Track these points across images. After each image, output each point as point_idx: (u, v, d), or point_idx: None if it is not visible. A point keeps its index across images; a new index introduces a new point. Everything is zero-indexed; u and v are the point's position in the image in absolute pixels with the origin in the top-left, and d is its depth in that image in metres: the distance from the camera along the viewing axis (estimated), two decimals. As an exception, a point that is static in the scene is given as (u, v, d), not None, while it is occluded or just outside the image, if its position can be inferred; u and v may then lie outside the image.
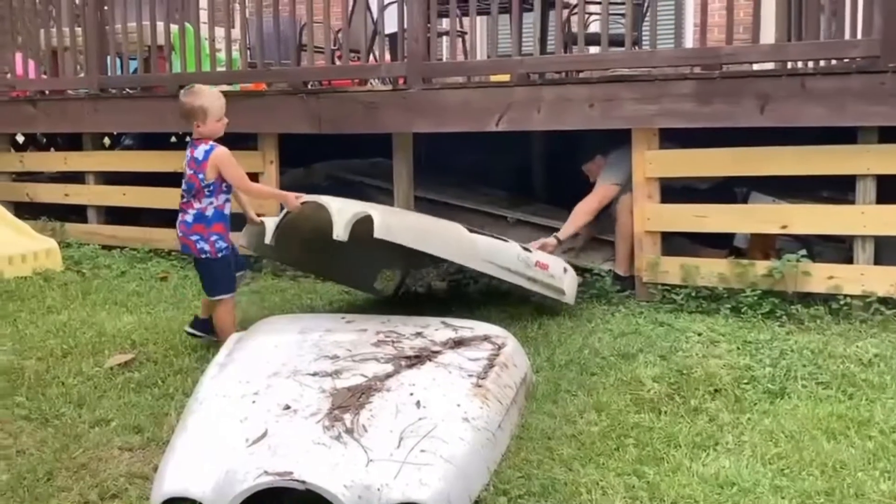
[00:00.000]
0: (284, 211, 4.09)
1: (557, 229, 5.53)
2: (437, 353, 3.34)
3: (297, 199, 4.04)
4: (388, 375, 3.09)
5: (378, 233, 3.65)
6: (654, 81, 4.79)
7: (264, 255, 4.15)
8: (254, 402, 2.88)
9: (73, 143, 7.51)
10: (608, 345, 4.14)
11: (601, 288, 5.00)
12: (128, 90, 6.76)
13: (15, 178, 7.37)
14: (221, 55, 6.41)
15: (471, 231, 4.39)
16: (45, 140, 8.55)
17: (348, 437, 2.64)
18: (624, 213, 5.12)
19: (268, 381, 3.03)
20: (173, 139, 8.67)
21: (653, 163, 4.88)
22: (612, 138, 5.15)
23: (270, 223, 4.12)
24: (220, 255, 4.00)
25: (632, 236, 5.04)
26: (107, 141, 8.25)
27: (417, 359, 3.26)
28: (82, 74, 6.90)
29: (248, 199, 4.22)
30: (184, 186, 4.04)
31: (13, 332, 4.49)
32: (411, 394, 2.93)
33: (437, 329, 3.65)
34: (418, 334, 3.58)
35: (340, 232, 3.70)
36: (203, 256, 4.00)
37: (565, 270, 4.66)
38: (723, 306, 4.62)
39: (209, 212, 3.97)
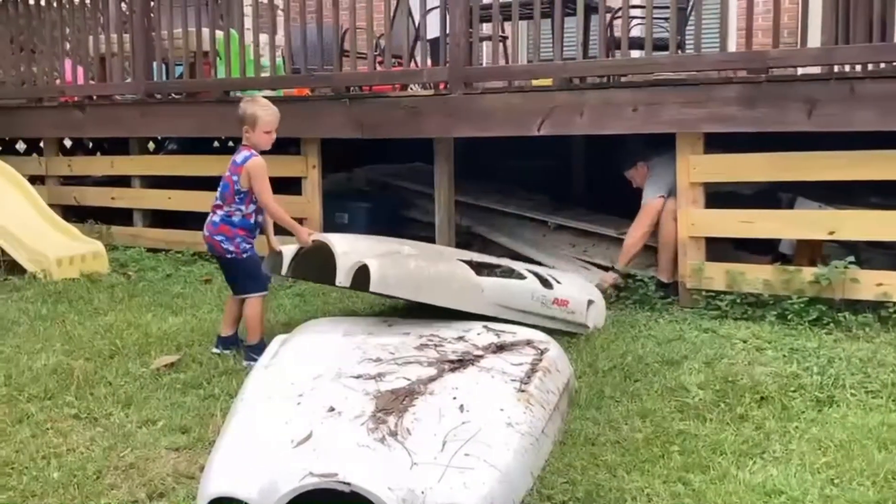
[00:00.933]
0: (298, 246, 4.14)
1: (596, 234, 5.51)
2: (480, 357, 3.34)
3: (308, 235, 4.12)
4: (431, 379, 3.09)
5: (374, 287, 3.63)
6: (698, 85, 4.76)
7: (284, 276, 4.17)
8: (298, 403, 2.90)
9: (119, 147, 7.66)
10: (652, 351, 4.11)
11: (644, 294, 4.97)
12: (173, 95, 6.87)
13: (63, 182, 7.53)
14: (265, 61, 6.49)
15: (482, 267, 4.30)
16: (91, 144, 8.73)
17: (392, 439, 2.65)
18: (667, 219, 5.08)
19: (312, 383, 3.06)
20: (216, 144, 8.82)
21: (697, 167, 4.84)
22: (651, 142, 5.12)
23: (288, 253, 4.13)
24: (245, 255, 4.07)
25: (675, 243, 5.00)
26: (151, 145, 8.41)
27: (460, 363, 3.27)
28: (129, 80, 7.04)
29: (270, 224, 4.22)
30: (219, 188, 4.13)
31: (62, 332, 4.58)
32: (454, 398, 2.93)
33: (479, 333, 3.66)
34: (460, 338, 3.58)
35: (342, 279, 3.75)
36: (229, 256, 4.06)
37: (589, 303, 4.44)
38: (768, 313, 4.57)
39: (236, 217, 4.05)
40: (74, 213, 7.21)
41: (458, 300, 3.86)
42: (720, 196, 4.98)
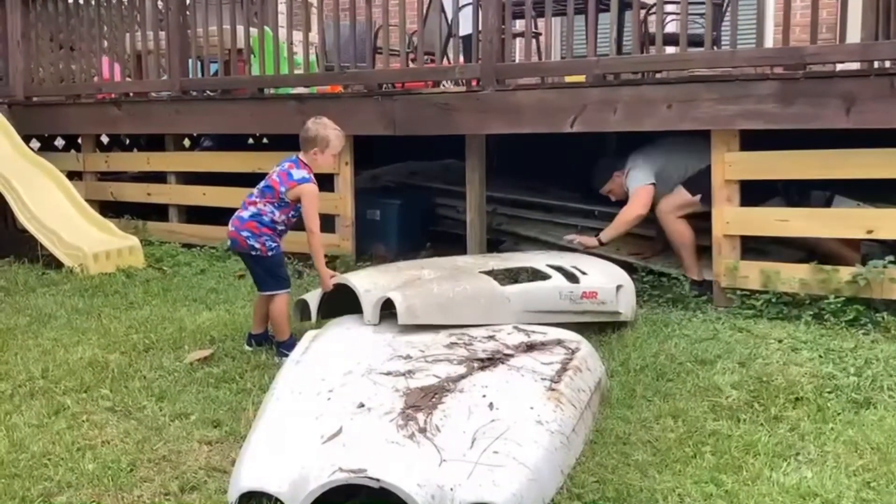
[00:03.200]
0: (321, 291, 4.14)
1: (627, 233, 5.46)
2: (510, 356, 3.34)
3: (330, 278, 4.11)
4: (461, 377, 3.10)
5: (402, 319, 3.64)
6: (734, 82, 4.70)
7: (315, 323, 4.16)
8: (329, 399, 2.92)
9: (155, 143, 7.75)
10: (685, 350, 4.08)
11: (678, 293, 4.92)
12: (208, 92, 6.94)
13: (100, 178, 7.63)
14: (299, 58, 6.53)
15: (505, 275, 4.29)
16: (128, 141, 8.84)
17: (421, 436, 2.66)
18: (670, 221, 5.06)
19: (342, 379, 3.08)
20: (250, 141, 8.89)
21: (733, 165, 4.78)
22: (623, 152, 5.19)
23: (313, 300, 4.13)
24: (270, 253, 4.09)
25: (689, 239, 5.01)
26: (187, 142, 8.49)
27: (490, 361, 3.27)
28: (165, 77, 7.12)
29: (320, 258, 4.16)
30: (260, 185, 4.15)
31: (97, 326, 4.65)
32: (484, 395, 2.93)
33: (509, 333, 3.66)
34: (490, 337, 3.59)
35: (370, 317, 3.76)
36: (254, 253, 4.09)
37: (618, 288, 4.39)
38: (804, 313, 4.51)
39: (266, 217, 4.08)
40: (111, 209, 7.30)
41: (486, 315, 3.87)
42: (751, 194, 4.90)
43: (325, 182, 6.24)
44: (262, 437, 2.78)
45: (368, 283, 3.93)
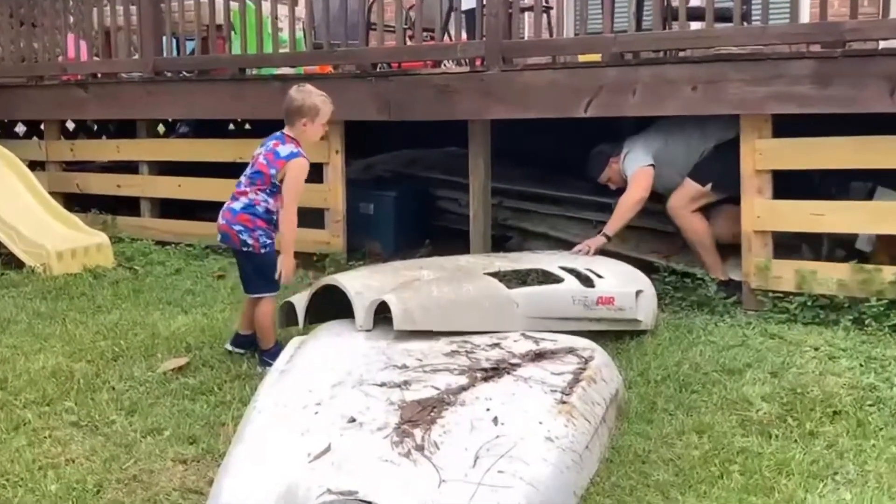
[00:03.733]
0: (308, 293, 4.12)
1: (647, 229, 5.46)
2: (517, 365, 3.34)
3: (293, 273, 4.11)
4: (462, 388, 3.10)
5: (399, 324, 3.62)
6: (766, 61, 4.69)
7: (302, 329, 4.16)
8: (316, 413, 2.92)
9: (125, 130, 7.75)
10: (711, 359, 4.07)
11: (703, 295, 4.92)
12: (184, 73, 6.94)
13: (65, 168, 7.64)
14: (284, 35, 6.52)
15: (512, 276, 4.28)
16: (96, 127, 8.85)
17: (418, 454, 2.65)
18: (685, 216, 5.08)
19: (331, 390, 3.08)
20: (231, 127, 8.89)
21: (764, 153, 4.77)
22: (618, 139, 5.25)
23: (300, 303, 4.11)
24: (263, 250, 4.08)
25: (706, 235, 5.05)
26: (161, 128, 8.50)
27: (494, 371, 3.27)
28: (136, 56, 7.12)
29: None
30: (247, 172, 4.14)
31: (62, 332, 4.65)
32: (488, 409, 2.93)
33: (515, 340, 3.65)
34: (495, 345, 3.58)
35: (362, 322, 3.75)
36: (245, 249, 4.07)
37: (638, 294, 4.40)
38: (843, 317, 4.50)
39: (260, 206, 4.06)
40: (77, 202, 7.31)
41: (491, 321, 3.87)
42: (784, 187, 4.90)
43: (314, 172, 6.26)
44: (244, 455, 2.78)
45: (360, 284, 3.93)
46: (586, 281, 4.36)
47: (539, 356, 3.43)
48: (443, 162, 7.14)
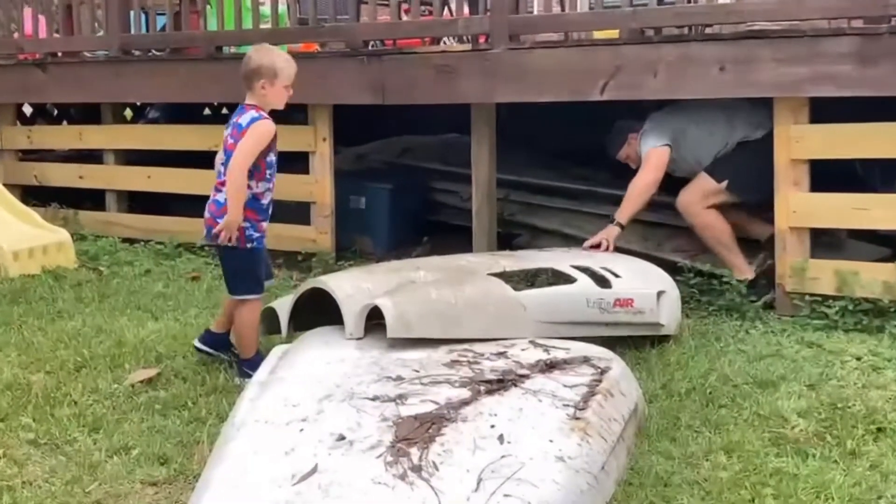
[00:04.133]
0: (293, 297, 4.12)
1: (669, 226, 5.45)
2: (525, 377, 3.34)
3: (235, 233, 3.99)
4: (464, 403, 3.10)
5: (393, 332, 3.61)
6: (802, 38, 4.69)
7: (285, 338, 4.16)
8: (301, 430, 2.92)
9: (89, 115, 7.75)
10: (741, 370, 4.08)
11: (732, 299, 4.92)
12: (154, 52, 6.94)
13: (21, 157, 7.65)
14: (266, 9, 6.53)
15: (519, 277, 4.29)
16: (56, 111, 8.85)
17: (415, 476, 2.66)
18: (693, 211, 5.10)
19: (318, 405, 3.08)
20: (207, 111, 8.90)
21: (801, 140, 4.78)
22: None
23: (283, 309, 4.12)
24: (249, 245, 4.07)
25: (723, 232, 5.09)
26: (129, 113, 8.51)
27: (500, 383, 3.27)
28: (101, 33, 7.13)
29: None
30: (221, 159, 4.13)
31: (18, 340, 4.66)
32: (492, 426, 2.93)
33: (523, 349, 3.65)
34: (501, 354, 3.58)
35: (352, 329, 3.74)
36: (229, 245, 4.05)
37: (659, 295, 4.39)
38: (889, 323, 4.51)
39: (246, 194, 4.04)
40: (35, 195, 7.31)
41: (496, 327, 3.87)
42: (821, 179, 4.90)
43: (299, 162, 6.27)
44: (221, 476, 2.78)
45: (351, 287, 3.93)
46: (602, 281, 4.36)
47: (550, 366, 3.43)
48: (442, 151, 7.15)
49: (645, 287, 4.42)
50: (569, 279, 4.38)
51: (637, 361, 4.15)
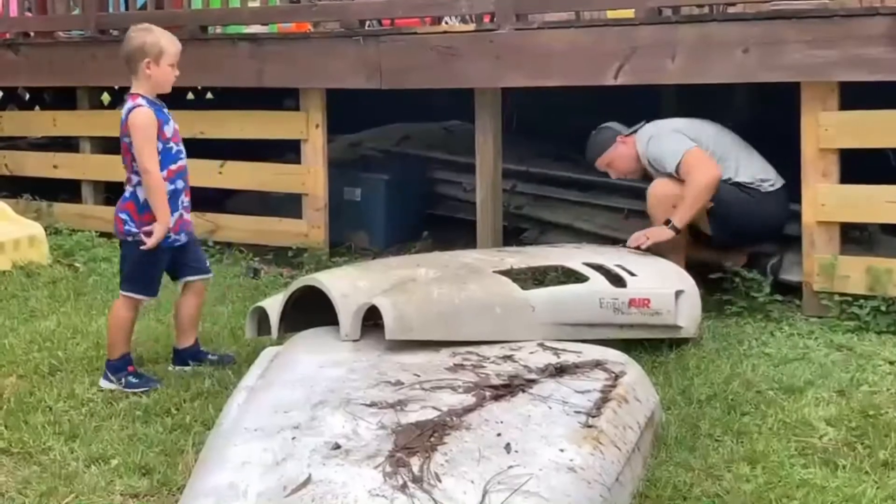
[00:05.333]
0: (284, 296, 4.13)
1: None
2: (533, 381, 3.35)
3: (162, 233, 4.04)
4: (469, 409, 3.10)
5: (392, 334, 3.62)
6: (832, 19, 4.70)
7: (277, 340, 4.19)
8: (294, 438, 2.93)
9: (64, 100, 7.76)
10: (766, 374, 4.09)
11: (755, 299, 4.92)
12: (134, 32, 6.93)
13: (-9, 146, 7.65)
14: (254, -14, 6.53)
15: (527, 275, 4.30)
16: (28, 96, 8.86)
17: (416, 487, 2.66)
18: (665, 210, 4.99)
19: (312, 411, 3.08)
20: (191, 96, 8.90)
21: (830, 128, 4.78)
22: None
23: (273, 309, 4.13)
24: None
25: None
26: (106, 98, 8.51)
27: (507, 388, 3.27)
28: (76, 11, 7.13)
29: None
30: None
31: (-12, 341, 4.68)
32: (499, 434, 2.93)
33: (531, 351, 3.66)
34: (507, 357, 3.59)
35: (348, 330, 3.76)
36: (129, 239, 4.12)
37: (678, 294, 4.37)
38: (925, 325, 4.53)
39: (141, 193, 4.09)
40: (6, 186, 7.33)
41: (502, 329, 3.88)
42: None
43: (289, 150, 6.28)
44: (207, 488, 2.79)
45: (346, 285, 3.93)
46: (616, 280, 4.37)
47: (560, 371, 3.43)
48: (443, 139, 7.16)
49: (662, 286, 4.42)
50: (581, 278, 4.38)
51: (654, 366, 4.16)
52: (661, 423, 3.55)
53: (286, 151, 6.53)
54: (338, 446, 2.86)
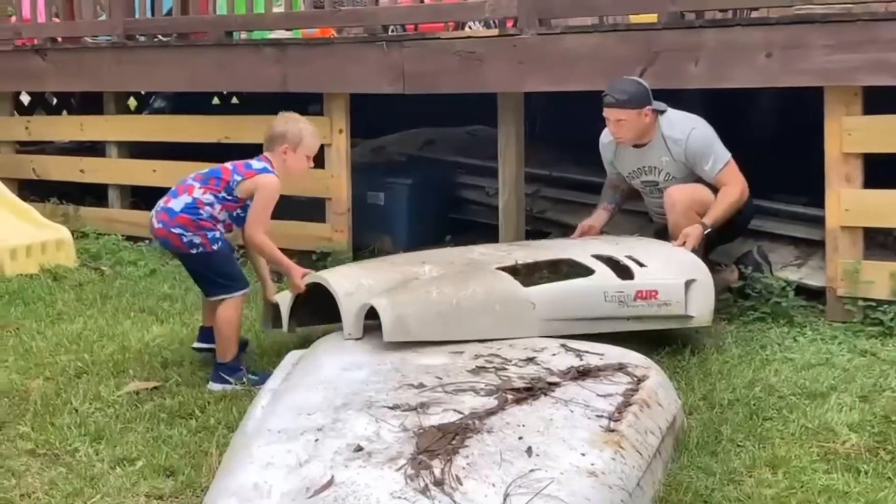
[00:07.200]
0: (293, 294, 4.25)
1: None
2: (555, 385, 3.35)
3: (302, 276, 4.21)
4: (491, 412, 3.11)
5: (389, 335, 3.69)
6: (856, 23, 4.68)
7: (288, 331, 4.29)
8: (317, 440, 2.94)
9: (90, 104, 7.81)
10: (788, 380, 4.07)
11: (778, 304, 4.90)
12: (160, 37, 6.98)
13: (19, 149, 7.70)
14: (279, -9, 6.56)
15: (534, 270, 4.31)
16: (55, 101, 8.92)
17: (437, 490, 2.67)
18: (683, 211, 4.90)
19: (335, 414, 3.10)
20: (216, 101, 8.94)
21: (853, 133, 4.76)
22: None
23: (284, 303, 4.26)
24: (215, 246, 4.15)
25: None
26: (133, 102, 8.56)
27: (529, 392, 3.28)
28: (103, 17, 7.17)
29: (265, 266, 4.40)
30: (204, 170, 4.25)
31: (16, 344, 4.71)
32: (520, 437, 2.94)
33: (554, 354, 3.66)
34: (530, 360, 3.59)
35: (351, 329, 3.82)
36: (194, 252, 4.15)
37: (689, 285, 4.35)
38: (950, 330, 4.50)
39: (204, 211, 4.13)
40: (33, 190, 7.37)
41: (503, 327, 3.91)
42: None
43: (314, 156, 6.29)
44: (230, 488, 2.80)
45: (350, 283, 3.98)
46: (624, 272, 4.36)
47: (582, 374, 3.43)
48: (466, 143, 7.16)
49: (672, 277, 4.39)
50: (586, 271, 4.37)
51: (676, 370, 4.15)
52: (682, 428, 3.54)
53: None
54: (360, 448, 2.87)
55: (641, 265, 4.41)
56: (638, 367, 3.55)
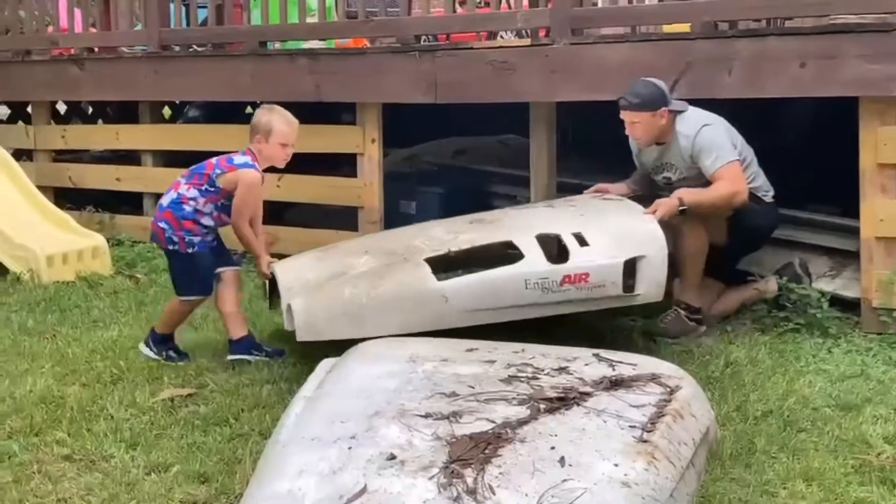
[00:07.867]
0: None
1: None
2: (588, 395, 3.34)
3: (269, 265, 4.55)
4: (523, 422, 3.10)
5: (302, 335, 3.92)
6: (891, 33, 4.65)
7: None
8: (350, 448, 2.95)
9: (126, 113, 7.88)
10: (823, 391, 4.05)
11: (813, 315, 4.87)
12: (195, 48, 7.04)
13: (55, 158, 7.78)
14: (312, 2, 6.59)
15: (472, 255, 4.42)
16: (91, 110, 8.99)
17: (470, 499, 2.67)
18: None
19: (368, 422, 3.10)
20: (250, 110, 8.98)
21: (890, 143, 4.73)
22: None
23: (268, 286, 4.64)
24: (189, 249, 4.46)
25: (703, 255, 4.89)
26: (168, 112, 8.63)
27: (561, 402, 3.27)
28: (139, 27, 7.24)
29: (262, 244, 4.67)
30: (193, 167, 4.56)
31: (52, 350, 4.76)
32: (553, 447, 2.93)
33: (587, 364, 3.65)
34: (562, 370, 3.59)
35: (286, 324, 4.09)
36: (171, 248, 4.49)
37: (636, 262, 4.24)
38: None
39: (188, 206, 4.46)
40: (70, 198, 7.44)
41: (413, 322, 4.06)
42: None
43: (345, 164, 6.32)
44: (263, 496, 2.82)
45: (294, 277, 4.17)
46: (561, 253, 4.35)
47: (615, 384, 3.42)
48: (498, 152, 7.16)
49: (610, 257, 4.29)
50: (513, 258, 4.36)
51: (709, 381, 4.14)
52: (715, 439, 3.53)
53: (342, 165, 6.58)
54: (393, 457, 2.88)
55: (585, 244, 4.34)
56: (671, 378, 3.53)
